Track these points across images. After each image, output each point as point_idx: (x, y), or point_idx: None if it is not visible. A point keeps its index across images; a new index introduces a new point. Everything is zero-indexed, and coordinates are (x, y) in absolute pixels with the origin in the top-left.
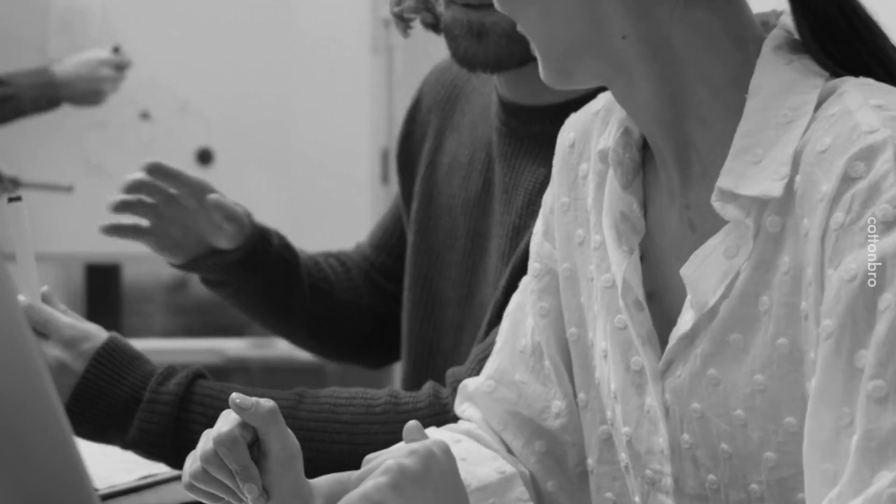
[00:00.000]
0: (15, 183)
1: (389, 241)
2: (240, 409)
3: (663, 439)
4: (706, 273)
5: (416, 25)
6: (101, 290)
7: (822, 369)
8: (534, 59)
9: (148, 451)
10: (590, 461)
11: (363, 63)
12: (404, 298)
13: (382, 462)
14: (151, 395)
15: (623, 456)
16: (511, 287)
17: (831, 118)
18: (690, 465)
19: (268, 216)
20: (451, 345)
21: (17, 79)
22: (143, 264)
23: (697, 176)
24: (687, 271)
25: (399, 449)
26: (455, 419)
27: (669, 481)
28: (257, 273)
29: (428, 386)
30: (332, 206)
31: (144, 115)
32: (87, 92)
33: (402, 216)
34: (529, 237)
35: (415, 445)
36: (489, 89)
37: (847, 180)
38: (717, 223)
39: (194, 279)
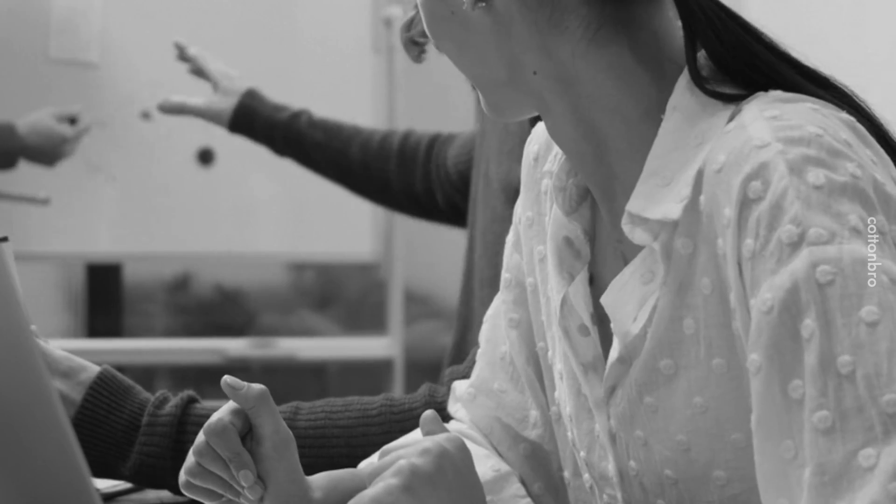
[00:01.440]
0: None
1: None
2: (231, 390)
3: (612, 465)
4: (624, 300)
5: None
6: (102, 289)
7: (758, 404)
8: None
9: (150, 475)
10: (566, 474)
11: (364, 63)
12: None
13: (397, 459)
14: (150, 419)
15: (587, 477)
16: None
17: (727, 135)
18: (639, 492)
19: (268, 216)
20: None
21: None
22: (144, 264)
23: (622, 208)
24: (607, 300)
25: (413, 444)
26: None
27: None
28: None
29: (424, 387)
30: (332, 207)
31: (145, 115)
32: (50, 157)
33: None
34: None
35: (427, 444)
36: None
37: (747, 203)
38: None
39: (195, 279)
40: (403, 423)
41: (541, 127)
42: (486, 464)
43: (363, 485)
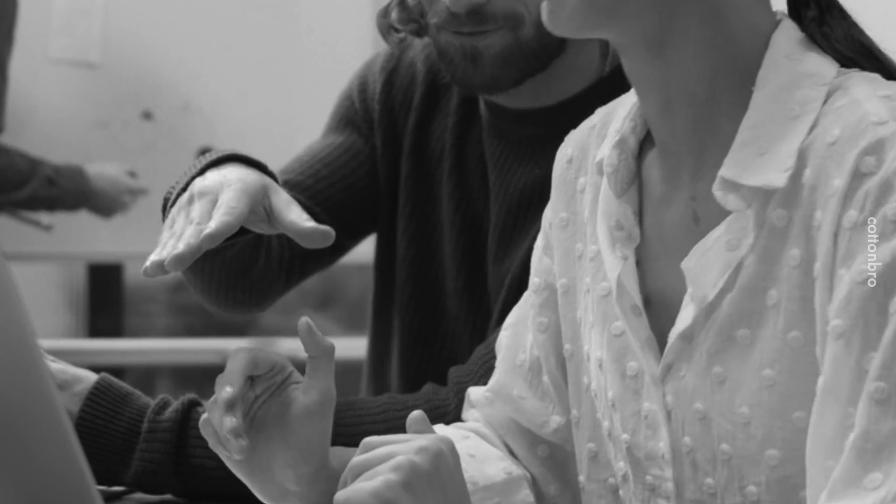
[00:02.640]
0: None
1: (353, 181)
2: (308, 332)
3: (664, 443)
4: (707, 265)
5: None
6: (103, 289)
7: (831, 368)
8: (530, 76)
9: (152, 481)
10: (581, 478)
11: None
12: (397, 288)
13: (389, 455)
14: (150, 426)
15: (622, 465)
16: (514, 290)
17: (839, 110)
18: (690, 469)
19: None
20: (449, 334)
21: (62, 180)
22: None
23: (709, 166)
24: (688, 264)
25: (405, 441)
26: (455, 419)
27: (671, 486)
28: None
29: (427, 387)
30: None
31: (146, 115)
32: (110, 205)
33: (374, 170)
34: (523, 240)
35: (424, 442)
36: None
37: (859, 176)
38: (722, 215)
39: None
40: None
41: (574, 133)
42: (498, 465)
43: None
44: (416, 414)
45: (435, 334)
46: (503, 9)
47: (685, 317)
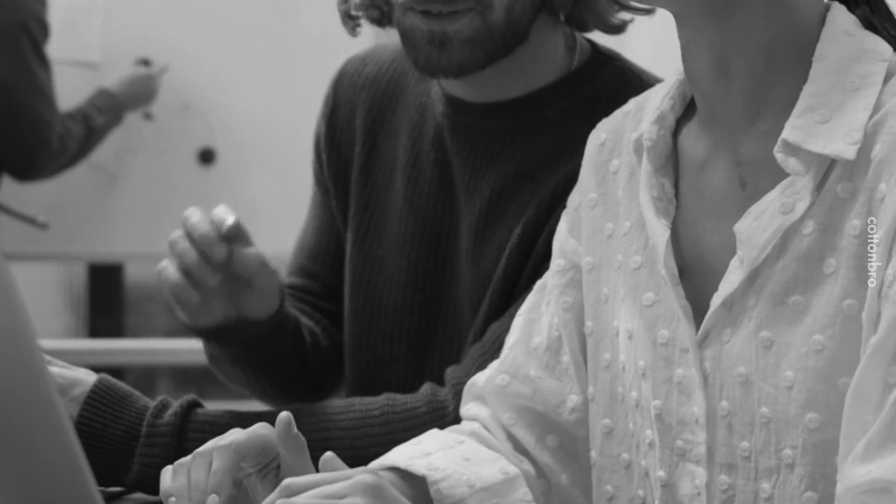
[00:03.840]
0: None
1: (329, 260)
2: (287, 428)
3: (699, 408)
4: (759, 228)
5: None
6: (104, 289)
7: (885, 328)
8: (495, 62)
9: (154, 485)
10: (593, 454)
11: None
12: (346, 310)
13: (335, 495)
14: (149, 430)
15: (648, 433)
16: (498, 288)
17: None
18: (725, 433)
19: (269, 216)
20: (406, 352)
21: (92, 112)
22: (146, 264)
23: (760, 133)
24: (741, 226)
25: (340, 480)
26: (454, 419)
27: (703, 449)
28: (279, 346)
29: (426, 387)
30: None
31: (147, 115)
32: (146, 99)
33: (338, 232)
34: (500, 237)
35: (364, 479)
36: (425, 88)
37: None
38: (771, 180)
39: None
40: (406, 422)
41: (607, 119)
42: (494, 466)
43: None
44: (328, 456)
45: (389, 354)
46: None
47: (732, 281)
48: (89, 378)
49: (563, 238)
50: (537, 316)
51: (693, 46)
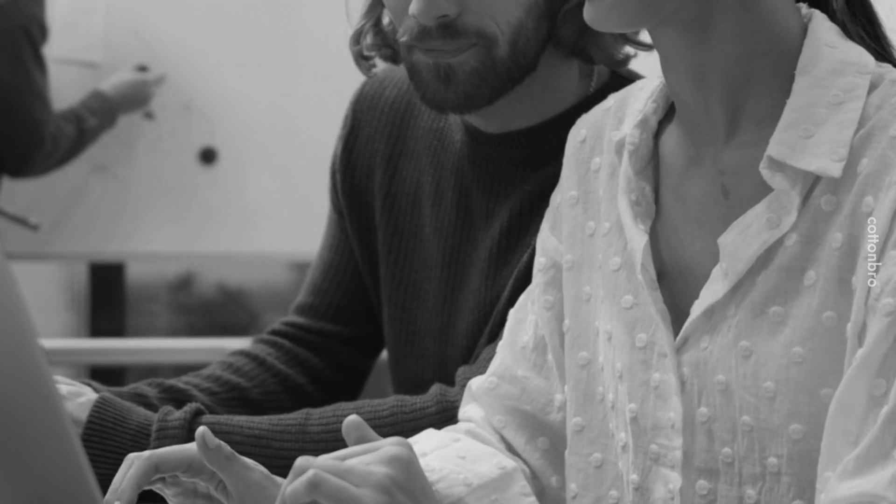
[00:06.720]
0: None
1: (343, 279)
2: (203, 442)
3: (675, 413)
4: (745, 242)
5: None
6: (105, 289)
7: (872, 341)
8: (502, 95)
9: None
10: (566, 452)
11: None
12: (385, 333)
13: (361, 470)
14: (161, 425)
15: (622, 436)
16: (517, 292)
17: None
18: (704, 439)
19: (271, 215)
20: (432, 376)
21: (85, 113)
22: (147, 263)
23: (741, 142)
24: (726, 240)
25: (368, 452)
26: None
27: (678, 454)
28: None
29: (435, 387)
30: None
31: (148, 115)
32: (140, 103)
33: (352, 252)
34: (516, 257)
35: (392, 451)
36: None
37: None
38: (753, 190)
39: (198, 278)
40: (415, 422)
41: (587, 115)
42: (490, 461)
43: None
44: (353, 419)
45: (422, 378)
46: (475, 25)
47: (714, 291)
48: (92, 395)
49: (544, 236)
50: (524, 315)
51: (670, 60)
